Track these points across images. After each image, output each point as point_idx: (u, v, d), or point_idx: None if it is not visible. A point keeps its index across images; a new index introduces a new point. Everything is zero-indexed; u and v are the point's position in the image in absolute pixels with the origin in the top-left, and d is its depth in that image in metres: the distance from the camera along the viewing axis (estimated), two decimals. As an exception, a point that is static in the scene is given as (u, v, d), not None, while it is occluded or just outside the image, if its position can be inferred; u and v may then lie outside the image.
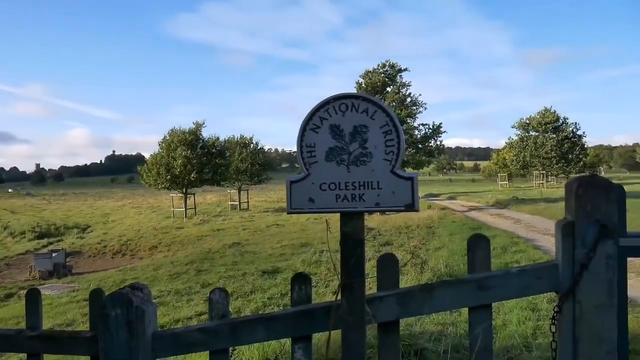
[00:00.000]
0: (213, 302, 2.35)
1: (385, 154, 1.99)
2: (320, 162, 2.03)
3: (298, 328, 2.24)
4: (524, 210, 23.71)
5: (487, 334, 2.18)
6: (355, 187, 2.01)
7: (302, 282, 2.29)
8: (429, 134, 29.81)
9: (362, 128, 2.00)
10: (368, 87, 29.74)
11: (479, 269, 2.19)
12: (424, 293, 2.15)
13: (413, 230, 18.10)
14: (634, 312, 6.60)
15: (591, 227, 2.01)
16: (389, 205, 1.99)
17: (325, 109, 2.03)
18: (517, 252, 11.95)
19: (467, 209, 27.57)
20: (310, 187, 2.04)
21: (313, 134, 2.04)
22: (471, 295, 2.14)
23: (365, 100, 2.01)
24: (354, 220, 2.02)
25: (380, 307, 2.15)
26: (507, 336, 5.63)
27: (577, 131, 48.76)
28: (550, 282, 2.11)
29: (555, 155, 46.71)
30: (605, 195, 2.02)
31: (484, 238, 2.22)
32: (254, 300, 9.85)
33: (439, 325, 6.20)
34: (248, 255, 16.09)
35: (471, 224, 18.87)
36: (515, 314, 6.38)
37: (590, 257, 2.00)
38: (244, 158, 38.98)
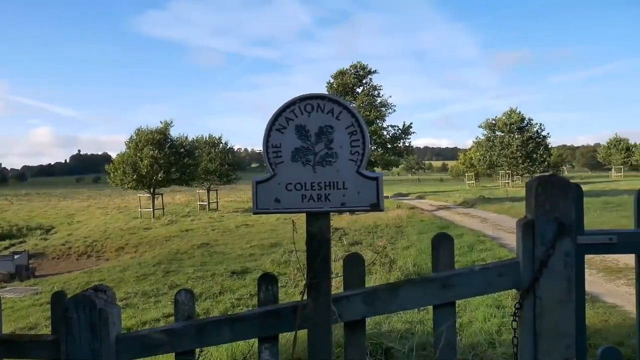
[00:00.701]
0: (179, 303, 2.33)
1: (350, 155, 2.01)
2: (286, 162, 2.04)
3: (265, 328, 2.24)
4: (491, 209, 24.15)
5: (451, 331, 2.22)
6: (321, 187, 2.02)
7: (268, 283, 2.29)
8: (398, 135, 30.09)
9: (327, 129, 2.01)
10: (339, 87, 29.86)
11: (443, 268, 2.22)
12: (389, 292, 2.17)
13: (382, 230, 18.23)
14: (594, 307, 6.80)
15: (550, 225, 2.06)
16: (355, 205, 2.01)
17: (291, 110, 2.04)
18: (483, 250, 12.16)
19: (436, 208, 27.93)
20: (276, 188, 2.04)
21: (279, 134, 2.04)
22: (435, 294, 2.18)
23: (330, 101, 2.02)
24: (319, 220, 2.03)
25: (347, 306, 2.17)
26: (473, 333, 5.72)
27: (542, 132, 49.91)
28: (511, 280, 2.16)
29: (521, 155, 47.70)
30: (564, 195, 2.08)
31: (448, 237, 2.26)
32: (222, 301, 9.78)
33: (406, 323, 6.27)
34: (217, 255, 15.97)
35: (439, 223, 19.12)
36: (481, 312, 6.48)
37: (550, 254, 2.06)
38: (213, 158, 38.64)
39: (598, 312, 6.50)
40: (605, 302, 7.10)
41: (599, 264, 9.77)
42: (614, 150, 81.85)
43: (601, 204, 22.08)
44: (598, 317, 6.27)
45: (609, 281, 8.50)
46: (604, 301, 7.20)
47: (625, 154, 79.07)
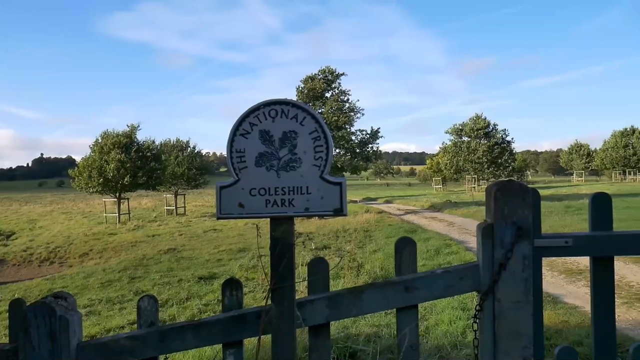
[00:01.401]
0: (142, 309, 2.31)
1: (314, 160, 2.03)
2: (250, 167, 2.04)
3: (229, 334, 2.23)
4: (457, 213, 24.53)
5: (414, 333, 2.25)
6: (284, 192, 2.03)
7: (233, 288, 2.29)
8: (366, 139, 30.29)
9: (291, 134, 2.03)
10: (309, 92, 29.91)
11: (405, 271, 2.26)
12: (353, 296, 2.20)
13: (351, 234, 18.30)
14: (556, 308, 6.98)
15: (508, 229, 2.12)
16: (318, 210, 2.03)
17: (255, 115, 2.04)
18: (450, 253, 12.34)
19: (403, 212, 28.20)
20: (240, 193, 2.04)
21: (243, 139, 2.04)
22: (398, 297, 2.21)
23: (294, 106, 2.04)
24: (283, 225, 2.04)
25: (311, 310, 2.18)
26: (439, 336, 5.80)
27: (507, 137, 50.95)
28: (472, 282, 2.21)
29: (487, 160, 48.58)
30: (521, 199, 2.14)
31: (411, 241, 2.30)
32: (189, 307, 9.65)
33: (374, 327, 6.32)
34: (184, 261, 15.77)
35: (407, 227, 19.31)
36: (447, 314, 6.58)
37: (508, 257, 2.11)
38: (181, 162, 38.16)
39: (559, 313, 6.67)
40: (566, 303, 7.30)
41: (560, 266, 10.03)
42: (576, 155, 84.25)
43: (563, 208, 22.67)
44: (559, 317, 6.43)
45: (569, 283, 8.73)
46: (564, 302, 7.40)
47: (586, 159, 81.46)
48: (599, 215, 2.32)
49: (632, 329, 6.03)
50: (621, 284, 8.45)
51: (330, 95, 30.42)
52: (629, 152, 68.99)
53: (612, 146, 71.42)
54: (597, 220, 2.32)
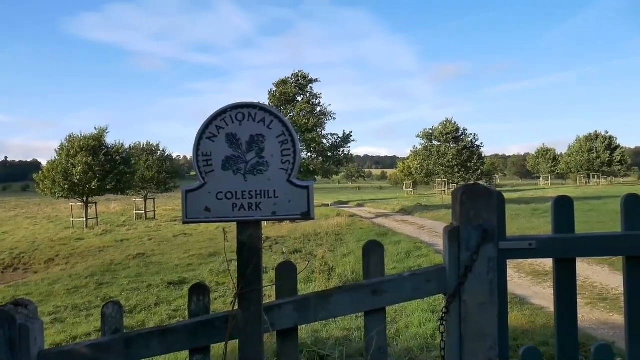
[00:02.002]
0: (106, 316, 2.26)
1: (281, 164, 2.02)
2: (217, 171, 2.03)
3: (196, 340, 2.20)
4: (428, 217, 24.78)
5: (381, 336, 2.26)
6: (252, 196, 2.02)
7: (200, 293, 2.26)
8: (338, 143, 30.41)
9: (258, 137, 2.02)
10: (281, 96, 29.90)
11: (373, 275, 2.27)
12: (321, 299, 2.19)
13: (322, 238, 18.32)
14: (522, 309, 7.10)
15: (474, 232, 2.15)
16: (286, 214, 2.02)
17: (222, 118, 2.03)
18: (420, 256, 12.45)
19: (375, 215, 28.36)
20: (207, 197, 2.02)
21: (209, 142, 2.03)
22: (366, 300, 2.22)
23: (262, 109, 2.03)
24: (250, 229, 2.03)
25: (279, 315, 2.17)
26: (409, 338, 5.84)
27: (476, 141, 51.84)
28: (439, 285, 2.23)
29: (456, 164, 49.31)
30: (487, 203, 2.17)
31: (378, 244, 2.31)
32: (158, 312, 9.52)
33: (344, 330, 6.33)
34: (153, 266, 15.54)
35: (378, 230, 19.42)
36: (417, 316, 6.63)
37: (474, 259, 2.14)
38: (150, 165, 37.65)
39: (525, 314, 6.79)
40: (533, 304, 7.44)
41: (527, 268, 10.22)
42: (542, 159, 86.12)
43: (530, 211, 23.12)
44: (525, 318, 6.54)
45: (536, 284, 8.90)
46: (531, 303, 7.54)
47: (552, 164, 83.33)
48: (561, 218, 2.37)
49: (595, 329, 6.18)
50: (585, 284, 8.66)
51: (302, 98, 30.47)
52: (592, 156, 70.88)
53: (576, 151, 73.29)
54: (559, 223, 2.37)
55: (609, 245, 2.37)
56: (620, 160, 71.37)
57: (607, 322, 6.49)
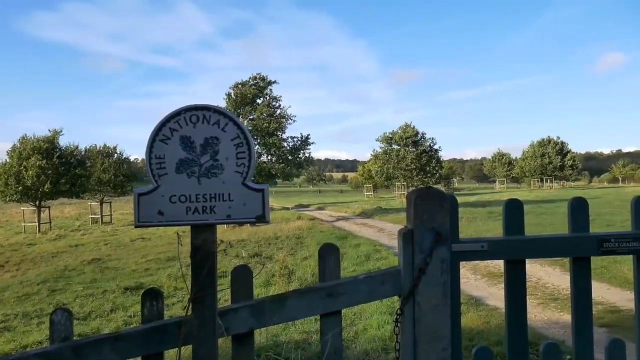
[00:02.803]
0: (54, 323, 2.19)
1: (236, 166, 2.00)
2: (170, 173, 1.99)
3: (149, 346, 2.16)
4: (387, 220, 25.05)
5: (336, 339, 2.27)
6: (206, 199, 1.99)
7: (153, 298, 2.22)
8: (298, 146, 30.40)
9: (213, 140, 2.00)
10: (238, 98, 29.67)
11: (329, 277, 2.28)
12: (276, 303, 2.19)
13: (283, 241, 18.28)
14: (478, 310, 7.25)
15: (427, 234, 2.18)
16: (241, 217, 2.01)
17: (176, 120, 2.00)
18: (379, 259, 12.57)
19: (335, 219, 28.47)
20: (160, 200, 1.99)
21: (163, 145, 1.99)
22: (321, 303, 2.22)
23: (216, 112, 2.01)
24: (205, 233, 2.00)
25: (234, 319, 2.15)
26: (368, 340, 5.89)
27: (434, 145, 52.65)
28: (393, 287, 2.26)
29: (415, 168, 49.96)
30: (440, 206, 2.21)
31: (334, 247, 2.32)
32: (114, 319, 9.28)
33: (304, 333, 6.33)
34: (109, 271, 15.16)
35: (338, 234, 19.50)
36: (375, 319, 6.69)
37: (427, 262, 2.18)
38: (107, 168, 36.74)
39: (481, 314, 6.94)
40: (488, 305, 7.61)
41: (483, 270, 10.45)
42: (498, 163, 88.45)
43: (486, 214, 23.67)
44: (481, 319, 6.69)
45: (491, 285, 9.11)
46: (486, 304, 7.71)
47: (507, 168, 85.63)
48: (511, 221, 2.43)
49: (546, 328, 6.36)
50: (538, 285, 8.92)
51: (262, 101, 30.33)
52: (545, 161, 73.16)
53: (530, 155, 75.51)
54: (510, 225, 2.43)
55: (556, 246, 2.45)
56: (571, 165, 73.90)
57: (558, 321, 6.70)
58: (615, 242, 2.42)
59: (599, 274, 9.01)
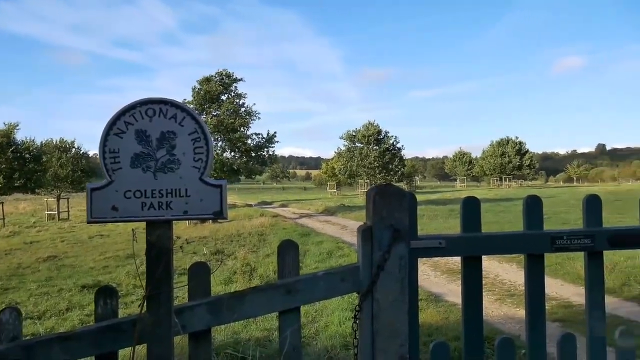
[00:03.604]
0: (2, 323, 2.11)
1: (194, 162, 1.97)
2: (125, 168, 1.94)
3: (102, 345, 2.10)
4: (350, 217, 25.17)
5: (295, 335, 2.26)
6: (162, 194, 1.95)
7: (107, 296, 2.16)
8: (262, 143, 30.24)
9: (170, 134, 1.95)
10: (205, 94, 29.30)
11: (288, 274, 2.26)
12: (234, 300, 2.16)
13: (245, 238, 18.16)
14: (437, 306, 7.37)
15: (386, 231, 2.20)
16: (198, 213, 1.98)
17: (131, 114, 1.95)
18: (341, 256, 12.63)
19: (298, 216, 28.45)
20: (114, 195, 1.93)
21: (117, 139, 1.94)
22: (280, 300, 2.21)
23: (173, 106, 1.97)
24: (160, 229, 1.96)
25: (191, 317, 2.12)
26: (329, 336, 5.90)
27: (397, 144, 53.20)
28: (352, 283, 2.26)
29: (378, 166, 50.36)
30: (399, 203, 2.22)
31: (293, 244, 2.31)
32: (70, 318, 9.04)
33: (265, 331, 6.30)
34: (66, 269, 14.74)
35: (301, 231, 19.50)
36: (337, 315, 6.71)
37: (386, 258, 2.19)
38: (64, 163, 35.73)
39: (440, 310, 7.05)
40: (447, 301, 7.73)
41: (443, 266, 10.62)
42: (459, 162, 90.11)
43: (447, 212, 24.07)
44: (440, 315, 6.80)
45: (451, 281, 9.27)
46: (446, 300, 7.84)
47: (468, 167, 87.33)
48: (469, 218, 2.47)
49: (503, 323, 6.51)
50: (495, 281, 9.12)
51: (227, 98, 30.04)
52: (504, 160, 74.94)
53: (490, 155, 77.23)
54: (467, 222, 2.47)
55: (512, 243, 2.51)
56: (529, 164, 75.94)
57: (514, 316, 6.86)
58: (567, 239, 2.49)
59: (553, 271, 9.28)
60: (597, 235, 2.51)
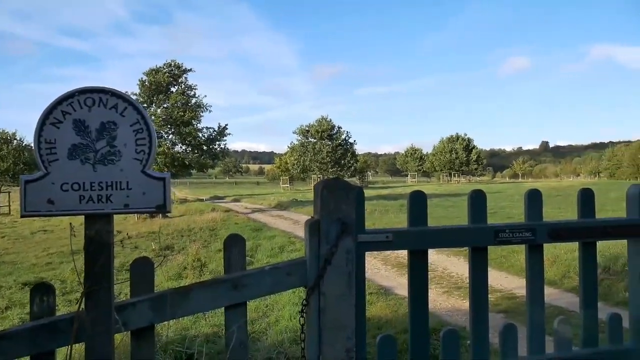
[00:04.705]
0: None
1: (135, 153, 1.90)
2: (62, 160, 1.85)
3: (38, 344, 2.01)
4: (303, 212, 25.18)
5: (242, 330, 2.23)
6: (102, 187, 1.87)
7: (43, 293, 2.07)
8: (213, 137, 29.84)
9: (110, 125, 1.88)
10: (152, 85, 28.61)
11: (234, 269, 2.23)
12: (178, 296, 2.11)
13: (196, 233, 17.90)
14: (387, 300, 7.46)
15: (334, 225, 2.19)
16: (139, 207, 1.91)
17: (69, 103, 1.86)
18: (293, 250, 12.62)
19: (251, 211, 28.25)
20: (50, 188, 1.84)
21: (54, 129, 1.85)
22: (227, 295, 2.17)
23: (114, 95, 1.89)
24: (100, 223, 1.89)
25: (133, 313, 2.05)
26: (279, 331, 5.88)
27: (350, 139, 53.65)
28: (299, 278, 2.25)
29: (330, 161, 50.67)
30: (346, 196, 2.22)
31: (240, 238, 2.27)
32: (9, 317, 8.66)
33: (214, 327, 6.22)
34: (5, 266, 14.13)
35: (253, 225, 19.38)
36: (288, 310, 6.70)
37: (333, 252, 2.19)
38: (5, 156, 34.28)
39: (390, 304, 7.14)
40: (397, 295, 7.84)
41: (393, 260, 10.77)
42: (410, 158, 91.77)
43: (398, 206, 24.43)
44: (390, 308, 6.88)
45: (401, 275, 9.40)
46: (396, 293, 7.94)
47: (419, 162, 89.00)
48: (415, 212, 2.50)
49: (450, 315, 6.66)
50: (444, 275, 9.32)
51: (176, 90, 29.44)
52: (453, 156, 76.76)
53: (440, 151, 78.98)
54: (414, 216, 2.49)
55: (457, 237, 2.56)
56: (476, 160, 78.06)
57: (460, 308, 7.03)
58: (509, 233, 2.56)
59: (499, 263, 9.56)
60: (538, 228, 2.59)
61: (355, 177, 58.74)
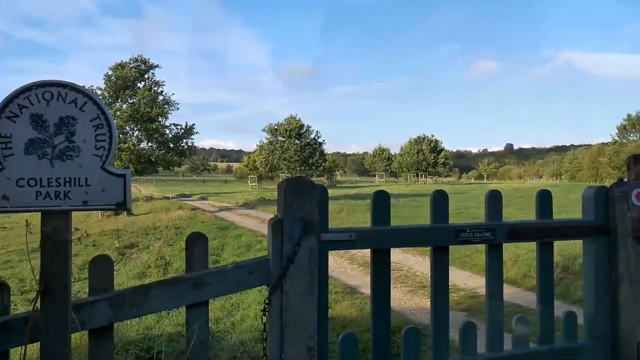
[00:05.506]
0: None
1: (95, 149, 1.86)
2: (18, 155, 1.81)
3: (-9, 344, 1.96)
4: (270, 211, 25.09)
5: (203, 330, 2.22)
6: (59, 183, 1.83)
7: (-3, 291, 2.02)
8: (181, 134, 29.50)
9: (69, 120, 1.84)
10: (118, 80, 28.10)
11: (196, 267, 2.21)
12: (138, 295, 2.08)
13: (161, 232, 17.67)
14: (353, 298, 7.51)
15: (297, 223, 2.20)
16: (99, 204, 1.88)
17: (26, 96, 1.81)
18: (261, 249, 12.57)
19: (218, 209, 28.01)
20: (5, 183, 1.79)
21: (10, 123, 1.80)
22: (188, 294, 2.16)
23: (74, 89, 1.85)
24: (57, 220, 1.84)
25: (91, 312, 2.02)
26: (244, 330, 5.86)
27: (318, 138, 53.79)
28: (262, 277, 2.25)
29: (299, 160, 50.69)
30: (309, 195, 2.23)
31: (202, 236, 2.26)
32: (-36, 316, 8.41)
33: (178, 326, 6.15)
34: (-40, 264, 13.68)
35: (220, 224, 19.23)
36: (253, 309, 6.68)
37: (296, 251, 2.19)
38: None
39: (355, 302, 7.19)
40: (363, 293, 7.89)
41: (359, 259, 10.84)
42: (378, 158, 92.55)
43: (366, 206, 24.56)
44: (355, 307, 6.93)
45: (366, 274, 9.47)
46: (361, 292, 8.00)
47: (386, 163, 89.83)
48: (378, 212, 2.52)
49: (414, 314, 6.75)
50: (409, 274, 9.43)
51: (143, 85, 28.99)
52: (420, 157, 77.77)
53: (407, 152, 79.92)
54: (377, 216, 2.52)
55: (419, 236, 2.59)
56: (443, 161, 79.27)
57: (424, 307, 7.12)
58: (470, 232, 2.61)
59: (462, 263, 9.73)
60: (498, 228, 2.65)
61: (323, 177, 58.89)
